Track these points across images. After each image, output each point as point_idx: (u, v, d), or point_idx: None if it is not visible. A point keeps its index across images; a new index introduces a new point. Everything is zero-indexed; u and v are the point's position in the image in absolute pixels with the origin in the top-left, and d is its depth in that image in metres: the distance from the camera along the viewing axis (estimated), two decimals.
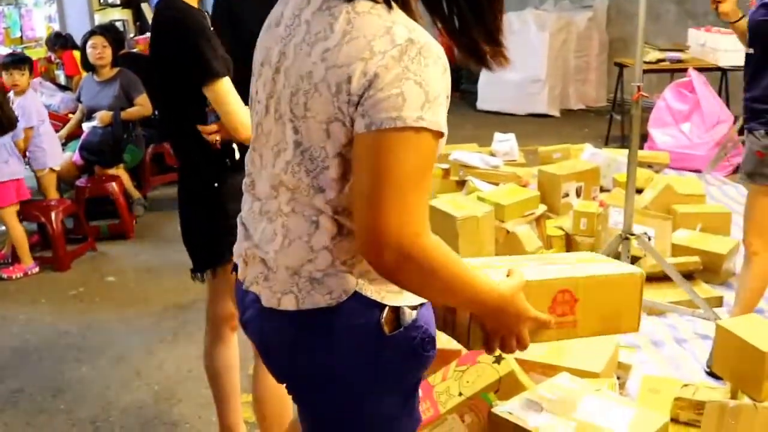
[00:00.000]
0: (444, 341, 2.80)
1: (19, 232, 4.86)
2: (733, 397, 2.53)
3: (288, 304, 1.41)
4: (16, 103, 5.25)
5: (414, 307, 1.41)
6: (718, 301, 3.84)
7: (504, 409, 1.99)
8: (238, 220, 1.61)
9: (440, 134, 1.28)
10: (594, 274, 1.72)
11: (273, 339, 1.49)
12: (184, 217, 2.53)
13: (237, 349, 2.65)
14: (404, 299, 1.40)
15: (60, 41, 7.78)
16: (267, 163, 1.47)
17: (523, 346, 1.46)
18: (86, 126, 5.77)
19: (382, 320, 1.37)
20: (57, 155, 5.59)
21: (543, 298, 1.56)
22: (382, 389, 1.44)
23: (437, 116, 1.26)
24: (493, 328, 1.44)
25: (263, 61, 1.49)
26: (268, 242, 1.45)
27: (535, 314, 1.46)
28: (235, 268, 1.61)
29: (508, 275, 1.47)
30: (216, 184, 2.39)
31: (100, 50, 5.62)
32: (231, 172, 2.35)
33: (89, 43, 5.67)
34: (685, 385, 2.67)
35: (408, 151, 1.24)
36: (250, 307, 1.53)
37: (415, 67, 1.25)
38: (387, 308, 1.38)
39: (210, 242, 2.43)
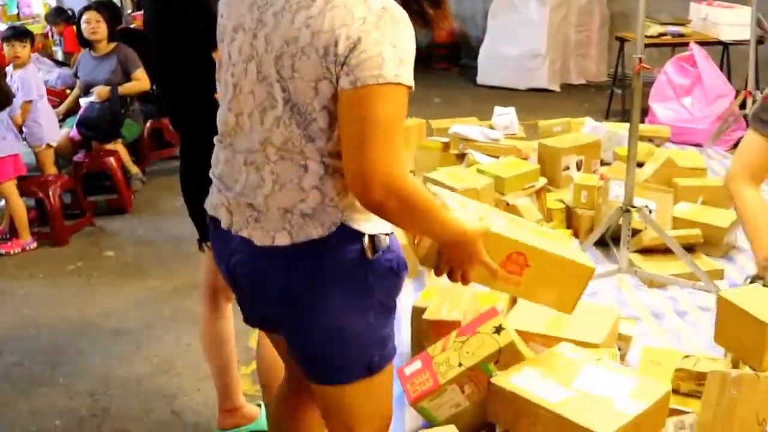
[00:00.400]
0: (444, 313, 2.80)
1: (19, 206, 4.83)
2: (735, 368, 2.51)
3: (282, 240, 1.58)
4: (16, 76, 5.21)
5: (387, 234, 1.62)
6: (719, 274, 3.82)
7: (504, 378, 1.97)
8: (211, 176, 1.76)
9: (410, 88, 1.49)
10: (552, 251, 1.91)
11: (267, 275, 1.63)
12: (188, 194, 2.49)
13: (232, 320, 2.62)
14: (378, 228, 1.60)
15: (62, 16, 7.72)
16: (248, 121, 1.61)
17: (465, 282, 1.70)
18: (83, 101, 5.73)
19: (365, 246, 1.58)
20: (54, 131, 5.55)
21: (500, 251, 1.78)
22: (367, 309, 1.63)
23: (409, 73, 1.48)
24: (447, 256, 1.66)
25: (236, 27, 1.62)
26: (256, 188, 1.61)
27: (486, 260, 1.68)
28: (213, 222, 1.74)
29: (479, 220, 1.72)
30: None
31: (93, 25, 5.56)
32: None
33: (83, 18, 5.62)
34: (686, 357, 2.65)
35: (388, 102, 1.45)
36: (238, 252, 1.67)
37: (389, 31, 1.46)
38: (366, 236, 1.58)
39: None
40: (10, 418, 2.96)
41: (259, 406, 2.75)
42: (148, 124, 6.27)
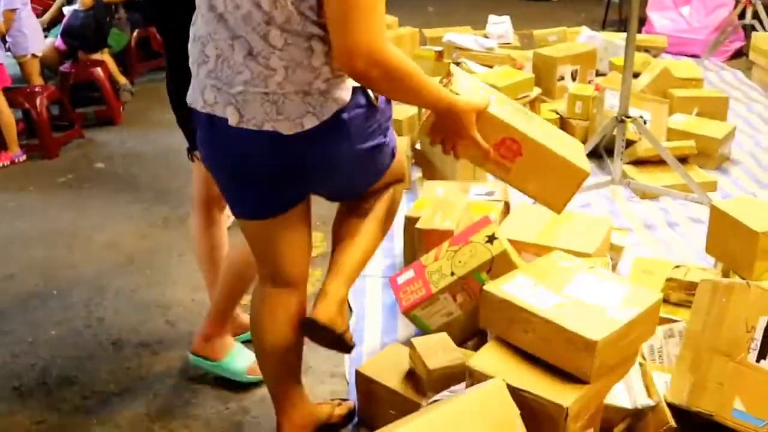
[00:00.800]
0: (437, 222, 2.80)
1: (7, 117, 4.77)
2: (725, 278, 2.53)
3: (310, 123, 1.71)
4: None
5: None
6: (712, 186, 3.82)
7: (496, 285, 1.98)
8: (196, 74, 1.80)
9: None
10: (549, 146, 1.91)
11: (303, 156, 1.76)
12: (176, 101, 2.44)
13: (226, 230, 2.62)
14: None
15: None
16: (243, 3, 1.65)
17: (455, 155, 1.86)
18: (67, 10, 5.61)
19: (371, 98, 1.78)
20: (39, 40, 5.45)
21: (494, 132, 1.85)
22: (382, 135, 1.88)
23: None
24: (439, 126, 1.81)
25: None
26: (266, 78, 1.68)
27: (475, 136, 1.81)
28: (209, 119, 1.78)
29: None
30: None
31: None
32: None
33: None
34: (677, 267, 2.67)
35: None
36: (258, 149, 1.75)
37: None
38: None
39: None
40: (6, 329, 2.99)
41: None
42: (135, 34, 6.15)
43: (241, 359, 2.56)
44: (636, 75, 4.52)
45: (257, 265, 2.06)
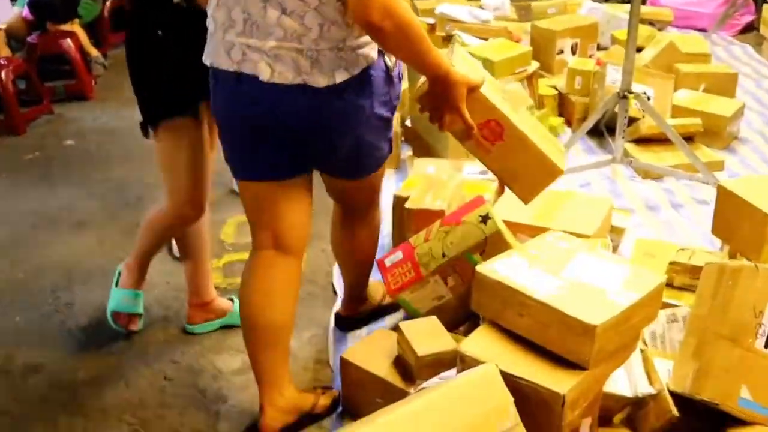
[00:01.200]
0: (427, 202, 2.77)
1: None
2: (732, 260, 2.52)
3: (342, 76, 1.88)
4: None
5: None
6: (719, 165, 3.82)
7: (490, 267, 1.96)
8: (220, 38, 1.92)
9: None
10: (530, 138, 2.08)
11: (329, 110, 1.92)
12: (132, 67, 2.42)
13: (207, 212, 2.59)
14: None
15: None
16: None
17: (441, 125, 2.00)
18: None
19: (390, 64, 1.98)
20: (4, 11, 5.39)
21: (481, 112, 2.00)
22: (390, 110, 2.07)
23: None
24: (432, 93, 1.96)
25: None
26: (300, 36, 1.84)
27: (462, 109, 1.95)
28: (236, 77, 1.91)
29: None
30: (160, 32, 2.26)
31: None
32: (181, 18, 2.22)
33: None
34: (681, 250, 2.66)
35: None
36: (288, 103, 1.90)
37: None
38: (385, 55, 1.96)
39: (157, 94, 2.35)
40: None
41: (231, 300, 2.76)
42: (107, 3, 6.09)
43: (121, 302, 2.69)
44: (639, 49, 4.51)
45: (255, 233, 2.15)
